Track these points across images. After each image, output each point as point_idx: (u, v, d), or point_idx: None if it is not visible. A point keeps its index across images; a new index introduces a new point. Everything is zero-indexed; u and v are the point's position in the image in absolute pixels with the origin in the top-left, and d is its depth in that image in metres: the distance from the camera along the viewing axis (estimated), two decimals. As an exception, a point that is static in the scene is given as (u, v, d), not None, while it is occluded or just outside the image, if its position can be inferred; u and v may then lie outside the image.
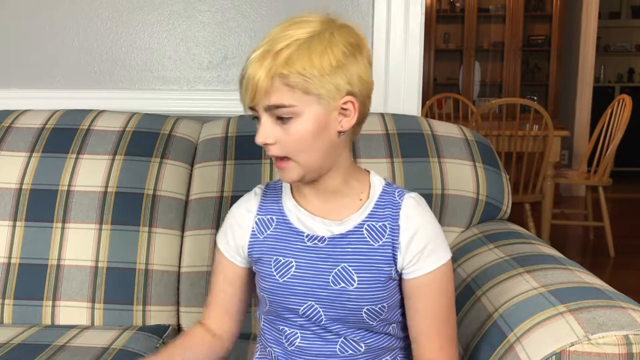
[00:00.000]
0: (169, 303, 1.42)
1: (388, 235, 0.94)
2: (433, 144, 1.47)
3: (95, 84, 1.77)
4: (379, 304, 0.94)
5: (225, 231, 1.04)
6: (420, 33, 1.70)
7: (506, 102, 3.60)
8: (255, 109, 0.89)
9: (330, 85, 0.87)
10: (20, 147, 1.51)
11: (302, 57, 0.86)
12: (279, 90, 0.86)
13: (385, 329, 0.97)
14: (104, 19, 1.75)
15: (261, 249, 0.99)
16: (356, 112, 0.90)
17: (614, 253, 3.82)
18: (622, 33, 6.73)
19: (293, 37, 0.87)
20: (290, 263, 0.96)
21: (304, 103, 0.87)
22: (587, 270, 1.10)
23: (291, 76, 0.85)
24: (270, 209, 1.00)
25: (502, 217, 1.48)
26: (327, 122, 0.89)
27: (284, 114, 0.87)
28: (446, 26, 5.99)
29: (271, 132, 0.89)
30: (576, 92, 5.68)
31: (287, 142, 0.88)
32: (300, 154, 0.89)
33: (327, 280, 0.94)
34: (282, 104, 0.86)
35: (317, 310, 0.95)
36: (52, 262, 1.42)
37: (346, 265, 0.94)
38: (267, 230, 0.99)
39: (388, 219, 0.95)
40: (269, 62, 0.85)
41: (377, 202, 0.96)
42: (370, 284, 0.93)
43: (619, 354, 0.83)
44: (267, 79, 0.85)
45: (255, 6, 1.73)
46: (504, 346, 0.94)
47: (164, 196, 1.45)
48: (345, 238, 0.95)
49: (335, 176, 0.95)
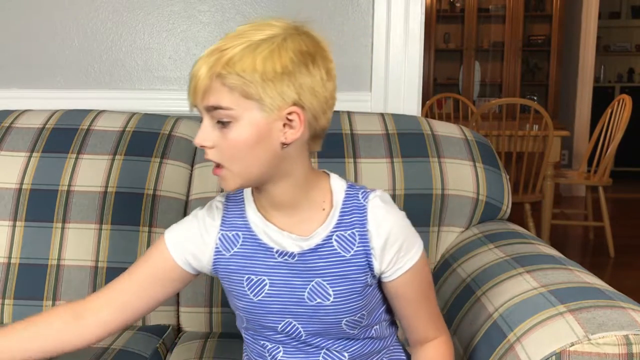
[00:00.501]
0: (169, 303, 1.41)
1: (359, 243, 0.91)
2: (433, 144, 1.47)
3: (95, 84, 1.77)
4: (358, 314, 0.93)
5: (184, 235, 0.96)
6: (420, 33, 1.70)
7: (506, 102, 3.60)
8: (198, 108, 0.85)
9: (273, 92, 0.82)
10: (20, 147, 1.51)
11: (245, 59, 0.81)
12: (218, 91, 0.82)
13: (368, 334, 0.97)
14: (104, 19, 1.75)
15: (228, 267, 0.94)
16: (302, 125, 0.84)
17: (614, 253, 3.82)
18: (622, 33, 6.73)
19: (244, 39, 0.83)
20: (264, 281, 0.92)
21: (242, 107, 0.82)
22: (587, 270, 1.10)
23: (229, 77, 0.81)
24: (235, 224, 0.94)
25: (502, 217, 1.48)
26: (269, 131, 0.83)
27: (222, 117, 0.83)
28: (446, 26, 5.99)
29: (210, 135, 0.84)
30: (576, 92, 5.68)
31: (224, 147, 0.84)
32: (235, 162, 0.84)
33: (302, 296, 0.91)
34: (220, 105, 0.82)
35: (296, 327, 0.93)
36: (52, 262, 1.42)
37: (320, 280, 0.91)
38: (234, 248, 0.94)
39: (356, 226, 0.91)
40: (213, 61, 0.82)
41: (342, 209, 0.91)
42: (346, 295, 0.91)
43: (619, 354, 0.83)
44: (207, 78, 0.82)
45: (255, 6, 1.73)
46: (504, 346, 0.94)
47: (164, 196, 1.45)
48: (315, 252, 0.91)
49: (288, 190, 0.89)
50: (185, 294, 1.40)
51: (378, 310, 0.97)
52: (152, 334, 1.34)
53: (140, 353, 1.25)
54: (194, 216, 0.97)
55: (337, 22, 1.72)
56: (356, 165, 1.43)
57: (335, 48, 1.74)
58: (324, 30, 1.75)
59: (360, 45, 1.73)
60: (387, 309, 0.99)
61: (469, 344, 1.05)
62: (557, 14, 5.72)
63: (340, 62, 1.75)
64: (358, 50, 1.73)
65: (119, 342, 1.28)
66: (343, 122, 1.50)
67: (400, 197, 1.41)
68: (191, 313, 1.41)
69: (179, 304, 1.42)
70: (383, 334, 1.00)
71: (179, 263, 0.95)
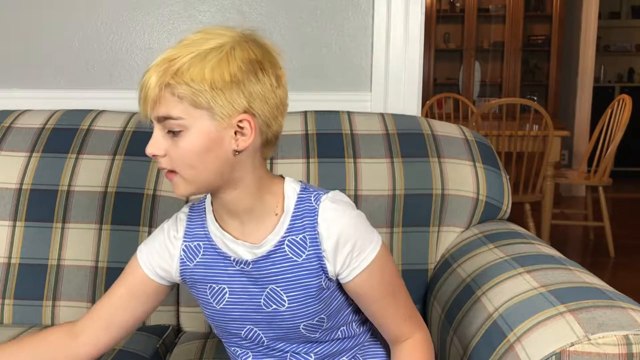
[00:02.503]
0: (169, 303, 1.42)
1: (310, 246, 0.90)
2: (433, 144, 1.47)
3: (95, 84, 1.77)
4: (315, 318, 0.93)
5: (152, 249, 0.98)
6: (420, 33, 1.70)
7: (506, 102, 3.60)
8: (149, 118, 0.86)
9: (223, 101, 0.82)
10: (20, 147, 1.51)
11: (193, 69, 0.82)
12: (168, 101, 0.83)
13: (333, 336, 0.97)
14: (104, 19, 1.75)
15: (193, 277, 0.96)
16: (253, 132, 0.85)
17: (614, 253, 3.82)
18: (622, 33, 6.73)
19: (193, 48, 0.83)
20: (224, 289, 0.94)
21: (192, 117, 0.83)
22: (587, 270, 1.10)
23: (178, 87, 0.81)
24: (197, 235, 0.96)
25: (502, 217, 1.48)
26: (220, 139, 0.84)
27: (173, 127, 0.83)
28: (446, 26, 5.99)
29: (161, 144, 0.85)
30: (576, 92, 5.68)
31: (175, 155, 0.85)
32: (187, 169, 0.85)
33: (259, 303, 0.93)
34: (170, 115, 0.83)
35: (257, 333, 0.95)
36: (52, 262, 1.42)
37: (274, 287, 0.92)
38: (197, 258, 0.96)
39: (307, 230, 0.90)
40: (162, 71, 0.82)
41: (294, 213, 0.91)
42: (301, 300, 0.91)
43: (619, 354, 0.83)
44: (156, 87, 0.82)
45: (255, 6, 1.73)
46: (503, 346, 0.94)
47: (164, 196, 1.45)
48: (268, 259, 0.91)
49: (243, 196, 0.89)
50: (185, 294, 1.41)
51: (343, 312, 0.97)
52: (152, 334, 1.34)
53: (140, 353, 1.25)
54: (160, 229, 1.00)
55: (337, 22, 1.72)
56: (356, 165, 1.43)
57: (335, 48, 1.76)
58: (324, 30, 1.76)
59: (360, 45, 1.73)
60: (355, 309, 0.99)
61: (469, 344, 1.05)
62: (557, 14, 5.72)
63: (340, 62, 1.76)
64: (358, 50, 1.73)
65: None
66: (343, 122, 1.50)
67: (400, 197, 1.41)
68: (191, 313, 1.41)
69: (179, 304, 1.42)
70: (353, 333, 1.00)
71: (152, 277, 0.97)
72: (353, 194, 1.41)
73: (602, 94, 6.08)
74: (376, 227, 1.39)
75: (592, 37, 5.56)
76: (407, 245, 1.40)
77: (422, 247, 1.40)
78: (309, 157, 1.44)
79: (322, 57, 1.74)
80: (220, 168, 0.86)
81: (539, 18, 5.91)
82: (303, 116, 1.52)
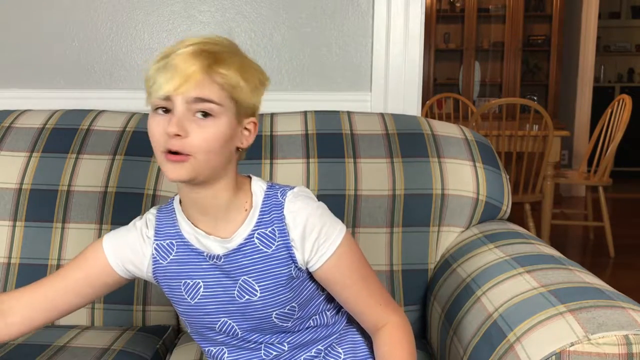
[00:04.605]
0: (169, 303, 1.41)
1: (279, 237, 0.95)
2: (433, 144, 1.47)
3: (95, 84, 1.77)
4: (287, 306, 0.96)
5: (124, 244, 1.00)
6: (420, 33, 1.70)
7: (506, 102, 3.60)
8: (172, 98, 0.86)
9: (250, 102, 0.91)
10: (20, 147, 1.51)
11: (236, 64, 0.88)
12: (212, 85, 0.86)
13: (305, 325, 1.00)
14: (104, 19, 1.75)
15: (166, 274, 0.99)
16: (254, 134, 0.94)
17: (614, 253, 3.82)
18: (622, 33, 6.73)
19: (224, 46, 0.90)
20: (199, 284, 0.97)
21: (226, 107, 0.88)
22: (587, 270, 1.10)
23: (225, 76, 0.87)
24: (168, 233, 0.99)
25: (502, 217, 1.48)
26: (235, 134, 0.91)
27: (209, 110, 0.86)
28: (446, 26, 5.99)
29: (185, 125, 0.86)
30: (576, 92, 5.68)
31: (199, 139, 0.86)
32: (204, 154, 0.87)
33: (233, 294, 0.96)
34: (212, 99, 0.86)
35: (231, 325, 0.98)
36: (52, 262, 1.42)
37: (246, 278, 0.95)
38: (170, 256, 0.99)
39: (275, 222, 0.95)
40: (210, 59, 0.86)
41: (262, 208, 0.96)
42: (272, 289, 0.95)
43: (619, 354, 0.83)
44: (202, 72, 0.85)
45: (255, 6, 1.73)
46: (503, 346, 0.94)
47: (164, 196, 1.45)
48: (239, 252, 0.95)
49: (221, 192, 0.93)
50: (185, 294, 1.41)
51: (315, 301, 1.00)
52: (152, 335, 1.34)
53: (140, 354, 1.26)
54: (132, 226, 1.02)
55: (337, 22, 1.72)
56: (356, 165, 1.43)
57: (335, 48, 1.76)
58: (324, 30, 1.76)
59: (360, 45, 1.73)
60: (328, 297, 1.02)
61: (469, 344, 1.05)
62: (557, 14, 5.72)
63: (340, 62, 1.76)
64: (358, 50, 1.73)
65: (119, 342, 1.28)
66: (343, 122, 1.50)
67: (400, 197, 1.41)
68: (191, 313, 1.41)
69: (179, 304, 1.42)
70: (326, 322, 1.02)
71: (116, 269, 1.00)
72: (353, 194, 1.41)
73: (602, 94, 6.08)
74: (376, 227, 1.40)
75: (592, 37, 5.56)
76: (407, 245, 1.40)
77: (422, 247, 1.40)
78: (309, 157, 1.44)
79: (322, 57, 1.74)
80: (225, 160, 0.91)
81: (539, 18, 5.91)
82: (303, 116, 1.52)
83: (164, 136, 0.87)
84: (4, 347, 1.24)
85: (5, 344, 1.26)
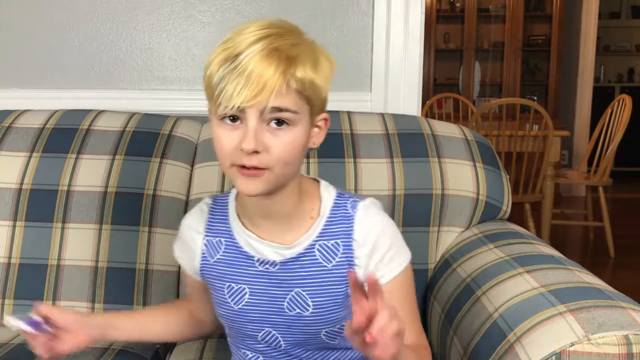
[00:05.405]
0: (169, 303, 1.41)
1: (342, 253, 0.89)
2: (433, 144, 1.47)
3: (95, 84, 1.77)
4: (337, 325, 0.91)
5: (180, 246, 1.01)
6: (420, 33, 1.70)
7: (506, 102, 3.60)
8: (244, 109, 0.78)
9: (323, 97, 0.83)
10: (20, 147, 1.51)
11: (307, 62, 0.79)
12: (288, 93, 0.78)
13: (348, 343, 0.95)
14: (104, 19, 1.75)
15: (212, 273, 0.95)
16: (325, 131, 0.86)
17: (614, 253, 3.82)
18: (622, 33, 6.73)
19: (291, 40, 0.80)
20: (244, 290, 0.92)
21: (302, 111, 0.80)
22: (587, 270, 1.10)
23: (303, 81, 0.78)
24: (219, 230, 0.94)
25: (502, 217, 1.48)
26: (309, 135, 0.84)
27: (285, 118, 0.79)
28: (446, 26, 5.99)
29: (261, 139, 0.79)
30: (576, 92, 5.68)
31: (277, 151, 0.79)
32: (283, 166, 0.80)
33: (282, 306, 0.90)
34: (289, 108, 0.78)
35: (275, 336, 0.93)
36: (52, 262, 1.42)
37: (300, 290, 0.89)
38: (217, 254, 0.94)
39: (341, 236, 0.89)
40: (281, 62, 0.77)
41: (328, 218, 0.90)
42: (326, 307, 0.89)
43: (619, 354, 0.83)
44: (282, 78, 0.76)
45: (255, 6, 1.73)
46: (503, 346, 0.94)
47: (164, 196, 1.45)
48: (297, 261, 0.89)
49: (291, 196, 0.88)
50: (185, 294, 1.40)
51: None
52: (152, 334, 1.34)
53: (140, 353, 1.26)
54: (181, 227, 1.01)
55: (337, 22, 1.72)
56: (356, 165, 1.43)
57: (335, 48, 1.76)
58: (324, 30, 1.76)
59: (360, 45, 1.73)
60: None
61: (469, 344, 1.05)
62: (557, 14, 5.72)
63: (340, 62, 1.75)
64: (358, 50, 1.73)
65: (119, 342, 1.28)
66: (343, 122, 1.50)
67: (400, 197, 1.41)
68: (191, 313, 1.41)
69: (179, 304, 1.42)
70: None
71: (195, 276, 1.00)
72: (353, 194, 1.41)
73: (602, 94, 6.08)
74: (376, 227, 1.40)
75: (592, 37, 5.56)
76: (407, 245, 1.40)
77: (422, 247, 1.40)
78: (309, 157, 1.44)
79: (322, 57, 1.73)
80: (298, 167, 0.85)
81: (539, 18, 5.91)
82: (303, 116, 1.52)
83: (237, 152, 0.79)
84: (4, 347, 1.24)
85: (5, 343, 1.26)
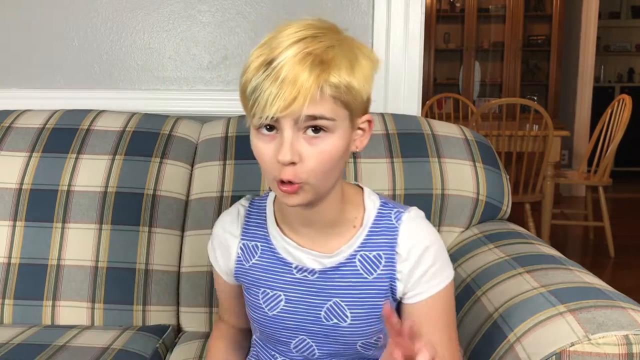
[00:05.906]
0: (169, 303, 1.41)
1: (384, 265, 0.86)
2: (433, 144, 1.47)
3: (95, 84, 1.77)
4: (374, 337, 0.90)
5: (213, 249, 0.98)
6: (420, 33, 1.70)
7: (506, 102, 3.60)
8: (280, 119, 0.74)
9: (363, 98, 0.78)
10: (20, 147, 1.51)
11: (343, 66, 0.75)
12: (323, 100, 0.74)
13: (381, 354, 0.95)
14: (104, 19, 1.75)
15: (247, 277, 0.93)
16: (369, 133, 0.82)
17: (614, 253, 3.82)
18: (622, 33, 6.73)
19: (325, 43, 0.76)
20: (279, 296, 0.90)
21: (340, 118, 0.76)
22: (587, 270, 1.10)
23: (339, 86, 0.74)
24: (255, 234, 0.92)
25: (502, 217, 1.48)
26: (350, 141, 0.80)
27: (321, 126, 0.75)
28: (446, 26, 5.99)
29: (297, 149, 0.75)
30: (576, 92, 5.68)
31: (314, 162, 0.76)
32: (321, 175, 0.77)
33: (319, 315, 0.88)
34: (324, 115, 0.74)
35: (310, 345, 0.91)
36: (52, 262, 1.42)
37: (338, 301, 0.87)
38: (253, 259, 0.92)
39: (384, 248, 0.86)
40: (315, 67, 0.73)
41: (371, 228, 0.87)
42: (364, 319, 0.87)
43: (619, 354, 0.83)
44: (315, 85, 0.73)
45: (255, 6, 1.73)
46: (504, 346, 0.94)
47: (164, 196, 1.45)
48: (337, 271, 0.87)
49: (333, 204, 0.85)
50: (186, 294, 1.41)
51: None
52: (152, 334, 1.34)
53: (140, 353, 1.25)
54: (215, 230, 0.98)
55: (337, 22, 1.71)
56: (356, 165, 1.43)
57: (335, 48, 1.75)
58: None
59: (360, 45, 1.73)
60: None
61: (469, 344, 1.05)
62: (557, 14, 5.72)
63: (340, 62, 1.76)
64: (358, 50, 1.73)
65: (119, 342, 1.28)
66: (343, 122, 1.50)
67: (400, 197, 1.41)
68: (191, 313, 1.41)
69: (179, 304, 1.42)
70: None
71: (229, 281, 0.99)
72: (353, 194, 1.41)
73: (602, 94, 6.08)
74: (376, 227, 1.40)
75: (592, 37, 5.56)
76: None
77: (422, 247, 1.40)
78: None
79: (322, 57, 1.73)
80: (339, 174, 0.81)
81: (539, 18, 5.90)
82: (303, 116, 1.52)
83: (275, 163, 0.76)
84: (4, 347, 1.24)
85: (5, 343, 1.26)
